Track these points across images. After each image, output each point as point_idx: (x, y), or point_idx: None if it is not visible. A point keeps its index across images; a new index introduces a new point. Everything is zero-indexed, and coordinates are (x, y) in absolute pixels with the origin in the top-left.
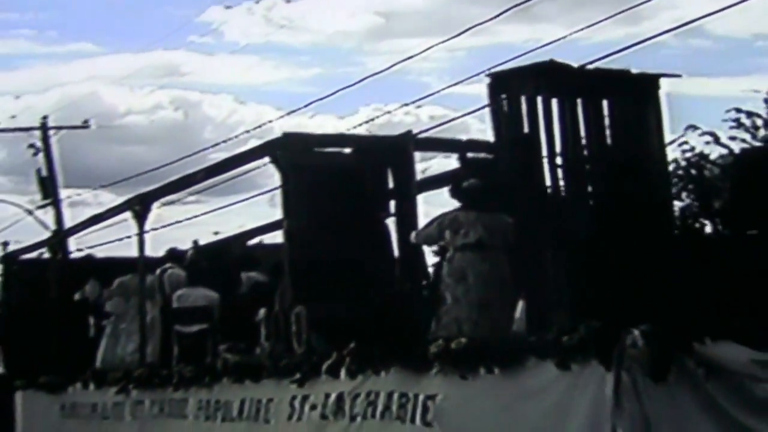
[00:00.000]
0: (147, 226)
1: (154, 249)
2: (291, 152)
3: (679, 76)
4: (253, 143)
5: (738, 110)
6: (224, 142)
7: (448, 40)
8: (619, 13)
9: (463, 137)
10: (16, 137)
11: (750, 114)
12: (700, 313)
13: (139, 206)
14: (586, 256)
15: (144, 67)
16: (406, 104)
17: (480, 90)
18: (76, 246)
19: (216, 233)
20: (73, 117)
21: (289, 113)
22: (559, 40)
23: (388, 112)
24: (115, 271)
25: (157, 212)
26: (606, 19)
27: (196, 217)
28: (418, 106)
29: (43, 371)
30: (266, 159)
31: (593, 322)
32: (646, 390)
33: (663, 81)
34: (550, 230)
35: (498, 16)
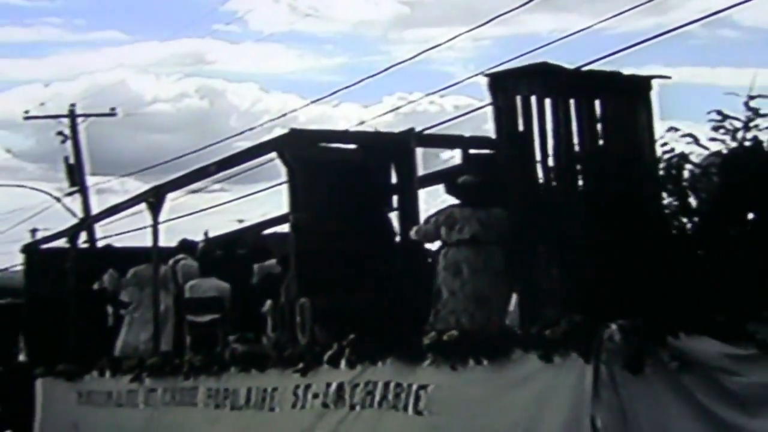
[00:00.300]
0: (163, 216)
1: (182, 237)
2: (297, 148)
3: (669, 77)
4: (278, 131)
5: (719, 112)
6: (249, 130)
7: (473, 29)
8: (646, 2)
9: (486, 127)
10: (45, 124)
11: (727, 117)
12: (676, 308)
13: (154, 198)
14: (577, 253)
15: (170, 55)
16: (430, 93)
17: None
18: (102, 234)
19: (240, 221)
20: (100, 105)
21: (313, 102)
22: (584, 29)
23: (412, 102)
24: (133, 261)
25: (182, 200)
26: (632, 8)
27: (216, 206)
28: (442, 96)
29: (63, 360)
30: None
31: (575, 316)
32: (624, 382)
33: (690, 72)
34: (544, 226)
35: (523, 5)
